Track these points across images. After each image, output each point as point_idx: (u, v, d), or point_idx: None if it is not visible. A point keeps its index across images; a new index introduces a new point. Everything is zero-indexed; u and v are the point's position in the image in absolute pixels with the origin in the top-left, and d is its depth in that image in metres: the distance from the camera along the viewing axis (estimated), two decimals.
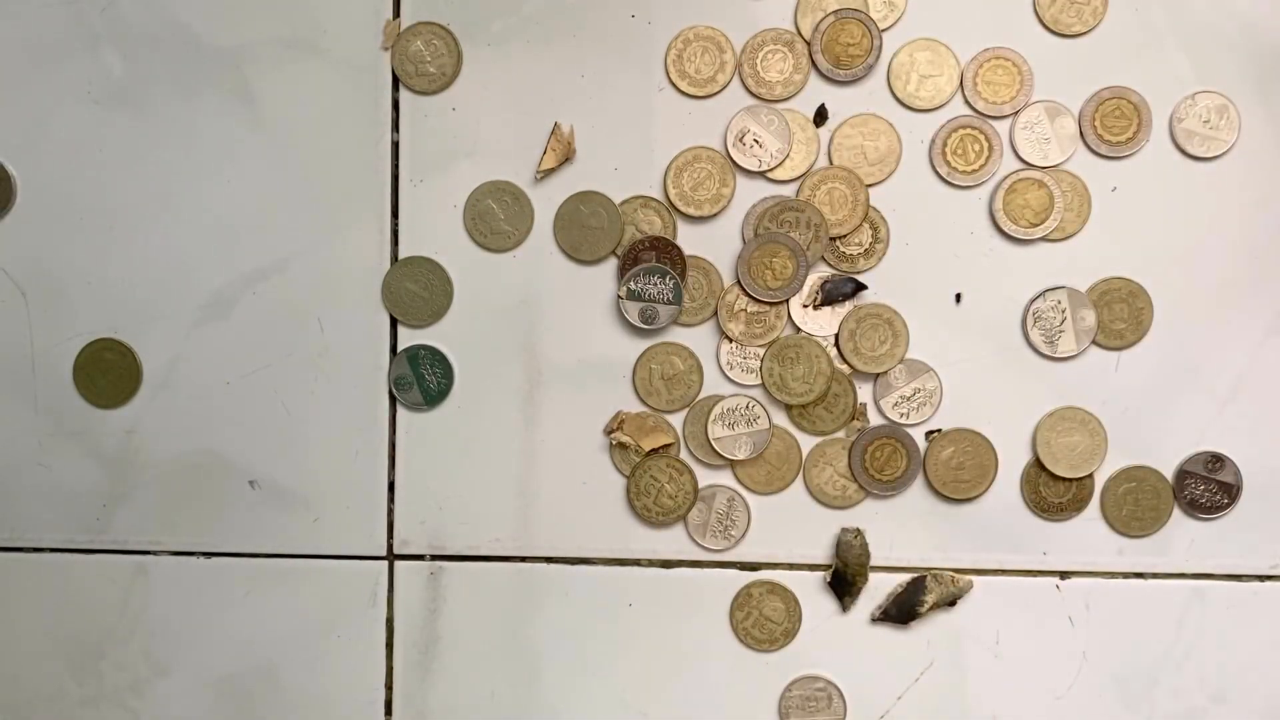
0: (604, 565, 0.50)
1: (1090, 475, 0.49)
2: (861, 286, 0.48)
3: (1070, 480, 0.49)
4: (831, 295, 0.47)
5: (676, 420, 0.50)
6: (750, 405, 0.49)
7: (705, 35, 0.49)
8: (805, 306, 0.49)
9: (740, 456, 0.49)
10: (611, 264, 0.50)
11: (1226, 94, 0.48)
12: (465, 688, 0.51)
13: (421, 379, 0.50)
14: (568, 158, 0.49)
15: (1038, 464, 0.49)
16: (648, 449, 0.49)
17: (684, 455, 0.50)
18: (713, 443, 0.49)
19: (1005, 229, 0.48)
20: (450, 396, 0.50)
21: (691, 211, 0.49)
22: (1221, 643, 0.49)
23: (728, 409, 0.49)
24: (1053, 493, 0.49)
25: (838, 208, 0.48)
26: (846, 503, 0.49)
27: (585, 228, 0.49)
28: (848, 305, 0.49)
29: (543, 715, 0.51)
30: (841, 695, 0.50)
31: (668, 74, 0.49)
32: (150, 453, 0.51)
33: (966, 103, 0.48)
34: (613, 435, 0.49)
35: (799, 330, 0.49)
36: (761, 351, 0.49)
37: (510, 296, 0.50)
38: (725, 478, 0.50)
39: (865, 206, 0.48)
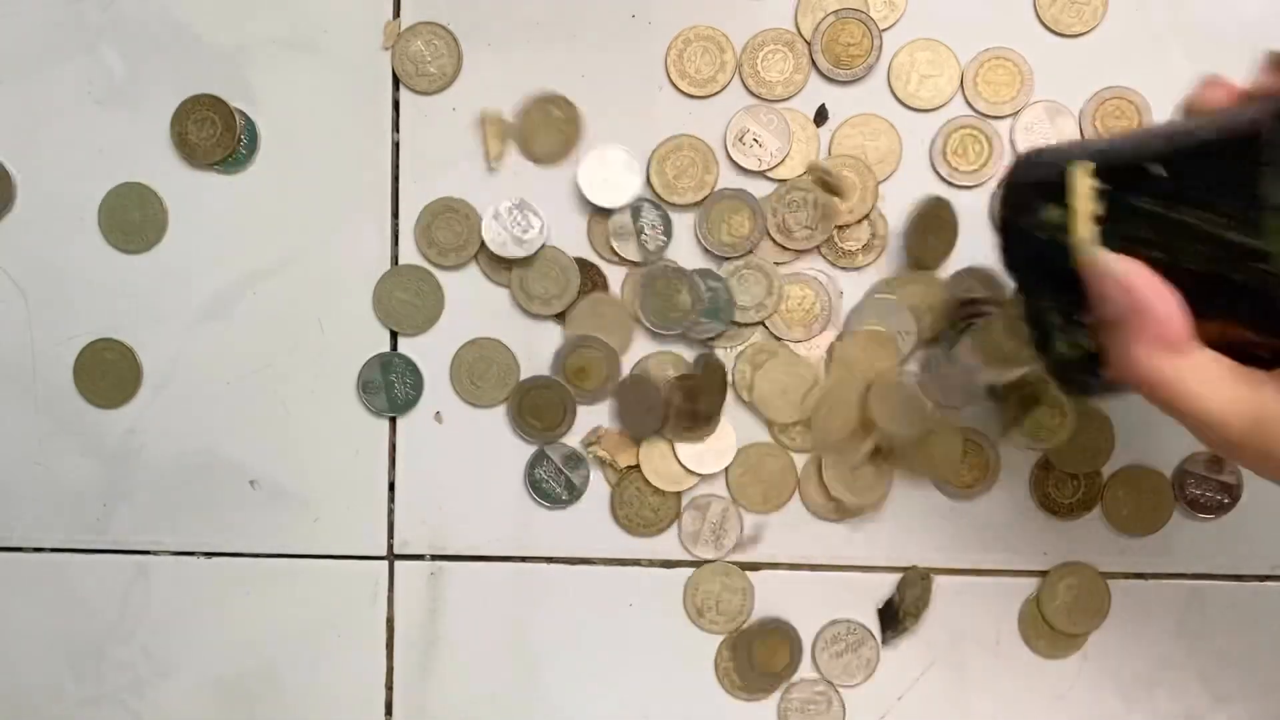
0: (604, 565, 0.50)
1: (1098, 473, 0.49)
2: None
3: (1079, 480, 0.49)
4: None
5: None
6: None
7: (705, 35, 0.49)
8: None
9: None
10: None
11: None
12: (465, 688, 0.51)
13: (391, 386, 0.50)
14: (509, 136, 0.48)
15: (1046, 464, 0.49)
16: (624, 465, 0.49)
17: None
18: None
19: None
20: (419, 406, 0.50)
21: (675, 199, 0.49)
22: (1221, 643, 0.49)
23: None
24: (1062, 494, 0.49)
25: (846, 194, 0.48)
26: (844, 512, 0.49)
27: None
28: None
29: (543, 715, 0.51)
30: (841, 699, 0.50)
31: (668, 74, 0.49)
32: (150, 453, 0.51)
33: (967, 103, 0.48)
34: (590, 449, 0.49)
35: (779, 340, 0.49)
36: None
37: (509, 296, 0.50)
38: (719, 488, 0.50)
39: (874, 194, 0.48)
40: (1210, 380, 0.31)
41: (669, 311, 0.48)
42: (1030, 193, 0.35)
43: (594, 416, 0.50)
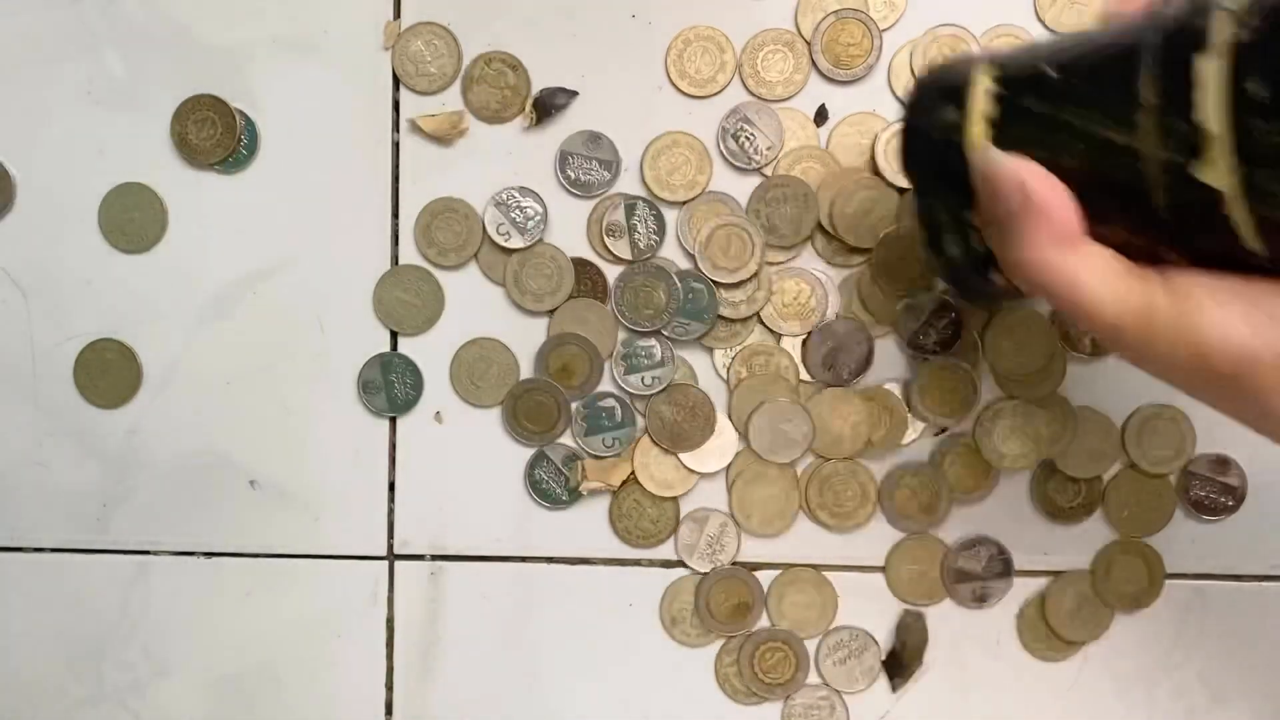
0: (604, 565, 0.50)
1: (1099, 477, 0.49)
2: (573, 93, 0.48)
3: (1080, 483, 0.49)
4: (545, 105, 0.46)
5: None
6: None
7: (705, 35, 0.49)
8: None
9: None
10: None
11: None
12: (465, 688, 0.51)
13: (391, 386, 0.50)
14: (446, 132, 0.48)
15: (1049, 466, 0.49)
16: (616, 484, 0.49)
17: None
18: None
19: None
20: (419, 406, 0.50)
21: (666, 196, 0.49)
22: (1221, 643, 0.49)
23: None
24: (1063, 497, 0.49)
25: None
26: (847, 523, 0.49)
27: None
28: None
29: (542, 716, 0.51)
30: (845, 703, 0.50)
31: (668, 74, 0.49)
32: (150, 453, 0.51)
33: None
34: (582, 486, 0.49)
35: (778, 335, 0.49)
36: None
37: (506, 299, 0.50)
38: (719, 500, 0.50)
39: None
40: (1101, 273, 0.31)
41: (643, 309, 0.48)
42: (932, 95, 0.36)
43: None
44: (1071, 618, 0.49)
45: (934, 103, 0.35)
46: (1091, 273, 0.32)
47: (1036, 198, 0.32)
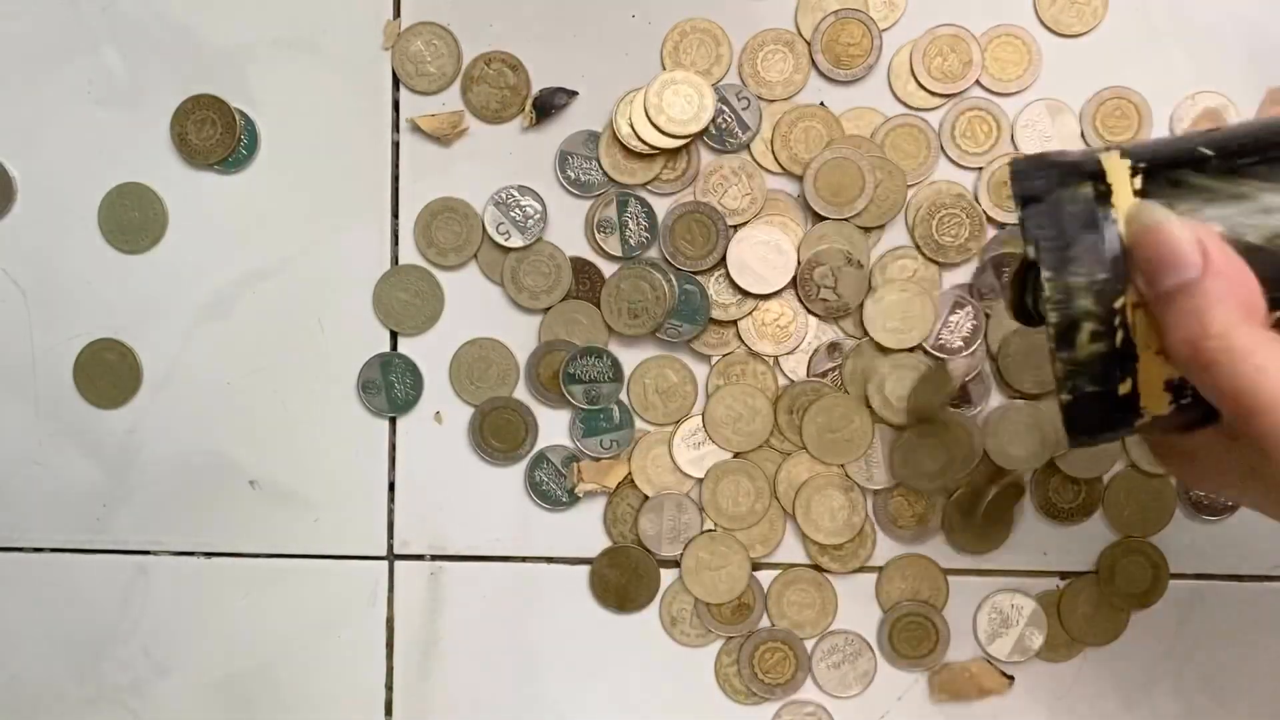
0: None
1: (1099, 478, 0.49)
2: (573, 93, 0.48)
3: (1081, 483, 0.49)
4: (544, 105, 0.46)
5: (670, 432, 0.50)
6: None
7: (702, 28, 0.49)
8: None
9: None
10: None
11: (1226, 94, 0.48)
12: (465, 688, 0.51)
13: (391, 386, 0.50)
14: (446, 132, 0.49)
15: (1049, 466, 0.49)
16: (613, 485, 0.49)
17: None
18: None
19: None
20: (419, 406, 0.50)
21: (655, 189, 0.49)
22: (1221, 643, 0.49)
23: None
24: (1063, 498, 0.49)
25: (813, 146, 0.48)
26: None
27: None
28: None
29: (543, 715, 0.51)
30: (831, 717, 0.50)
31: (664, 66, 0.49)
32: (150, 453, 0.51)
33: (975, 80, 0.48)
34: (578, 488, 0.49)
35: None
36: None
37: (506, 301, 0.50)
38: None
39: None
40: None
41: (634, 312, 0.48)
42: (1061, 170, 0.31)
43: (557, 428, 0.50)
44: (1089, 621, 0.49)
45: (1064, 178, 0.30)
46: (1274, 358, 0.26)
47: (1218, 262, 0.27)
